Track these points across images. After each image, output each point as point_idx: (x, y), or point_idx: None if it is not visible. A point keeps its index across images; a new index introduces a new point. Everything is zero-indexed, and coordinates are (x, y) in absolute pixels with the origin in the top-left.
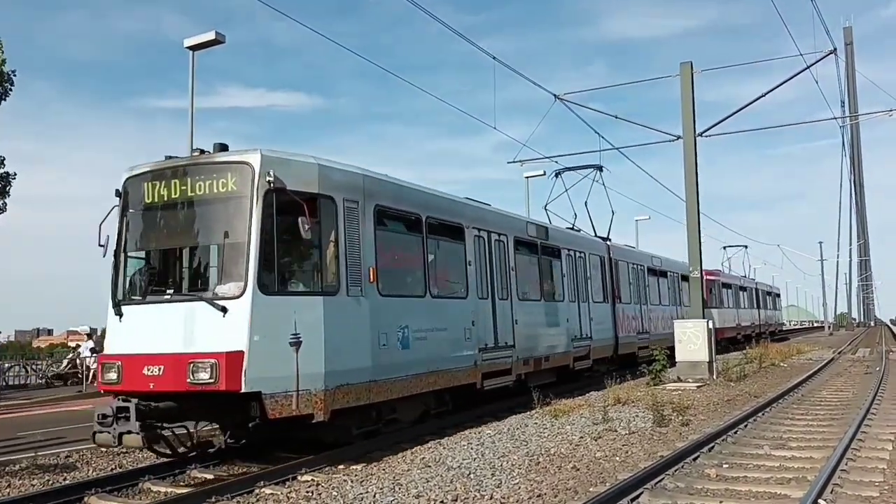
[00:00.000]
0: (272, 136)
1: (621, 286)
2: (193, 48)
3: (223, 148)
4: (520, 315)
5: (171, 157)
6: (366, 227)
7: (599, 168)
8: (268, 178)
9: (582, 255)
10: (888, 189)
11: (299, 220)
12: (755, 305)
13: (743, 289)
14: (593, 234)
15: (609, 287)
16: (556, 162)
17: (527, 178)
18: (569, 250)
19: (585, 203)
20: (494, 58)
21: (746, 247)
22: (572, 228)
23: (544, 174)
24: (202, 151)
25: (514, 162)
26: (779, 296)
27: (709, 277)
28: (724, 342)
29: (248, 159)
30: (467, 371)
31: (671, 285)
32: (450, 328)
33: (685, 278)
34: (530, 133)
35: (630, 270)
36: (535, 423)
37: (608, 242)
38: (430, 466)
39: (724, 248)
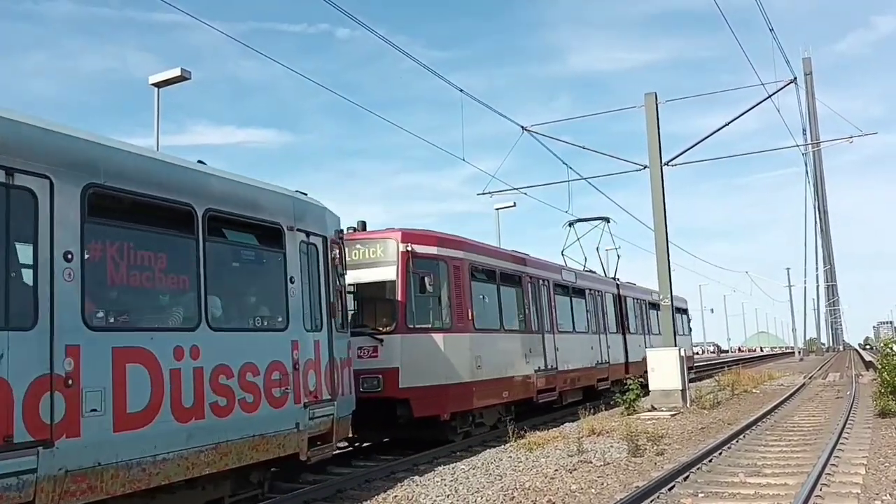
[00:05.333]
0: (243, 173)
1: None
2: (158, 85)
3: None
4: None
5: None
6: None
7: None
8: None
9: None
10: (851, 215)
11: None
12: (607, 326)
13: (578, 291)
14: None
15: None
16: (525, 193)
17: (497, 209)
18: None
19: None
20: (462, 90)
21: (608, 220)
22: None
23: (514, 205)
24: None
25: (483, 193)
26: (685, 312)
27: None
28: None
29: None
30: None
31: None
32: None
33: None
34: (499, 165)
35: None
36: (510, 457)
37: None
38: None
39: (571, 223)
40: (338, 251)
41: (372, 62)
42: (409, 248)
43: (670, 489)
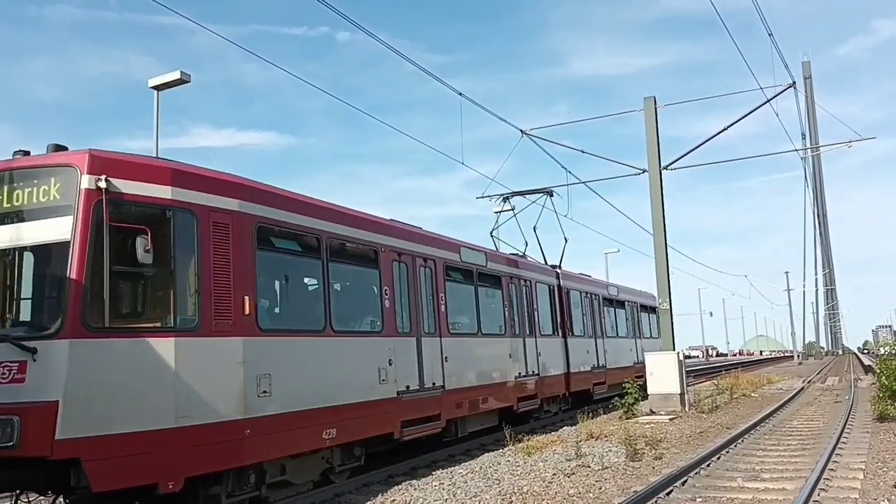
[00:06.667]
0: (244, 176)
1: None
2: (158, 88)
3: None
4: None
5: None
6: None
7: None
8: None
9: None
10: (851, 219)
11: None
12: (537, 327)
13: (489, 278)
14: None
15: None
16: (525, 197)
17: (496, 212)
18: None
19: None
20: (461, 94)
21: (552, 193)
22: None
23: (513, 209)
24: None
25: (482, 197)
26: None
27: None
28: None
29: None
30: None
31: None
32: None
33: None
34: (498, 169)
35: None
36: (508, 461)
37: None
38: None
39: (506, 198)
40: None
41: (372, 66)
42: (106, 185)
43: (668, 494)
